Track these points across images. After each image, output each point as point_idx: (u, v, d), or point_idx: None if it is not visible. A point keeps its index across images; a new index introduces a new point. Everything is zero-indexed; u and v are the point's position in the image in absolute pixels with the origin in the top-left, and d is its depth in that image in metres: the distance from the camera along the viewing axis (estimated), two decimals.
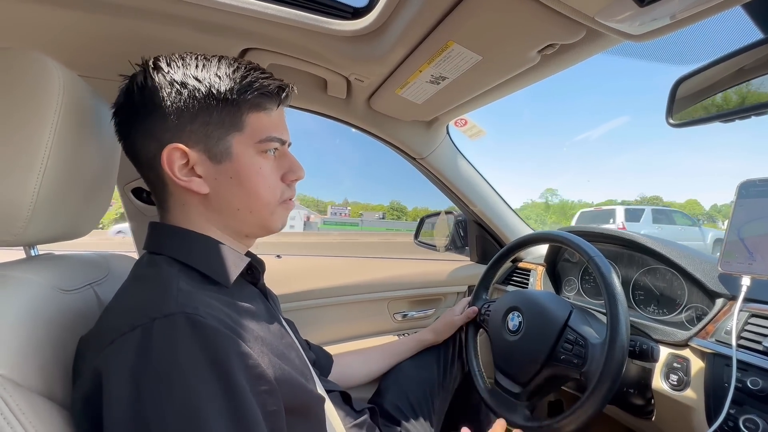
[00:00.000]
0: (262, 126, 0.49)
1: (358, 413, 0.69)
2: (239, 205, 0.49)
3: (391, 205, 66.07)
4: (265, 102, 0.49)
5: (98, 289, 0.52)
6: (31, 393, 0.35)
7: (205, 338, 0.36)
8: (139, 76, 0.46)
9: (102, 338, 0.37)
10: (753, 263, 0.63)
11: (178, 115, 0.45)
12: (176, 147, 0.45)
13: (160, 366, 0.34)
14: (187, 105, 0.45)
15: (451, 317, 0.94)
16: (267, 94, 0.48)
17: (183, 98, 0.44)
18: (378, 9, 0.63)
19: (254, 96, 0.47)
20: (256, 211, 0.50)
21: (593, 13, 0.52)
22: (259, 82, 0.47)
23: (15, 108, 0.40)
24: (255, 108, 0.48)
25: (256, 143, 0.48)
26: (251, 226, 0.52)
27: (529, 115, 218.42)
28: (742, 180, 0.67)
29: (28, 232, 0.42)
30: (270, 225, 0.53)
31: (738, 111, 0.55)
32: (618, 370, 0.61)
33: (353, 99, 0.94)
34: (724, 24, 0.57)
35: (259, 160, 0.49)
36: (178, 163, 0.46)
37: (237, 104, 0.47)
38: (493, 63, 0.69)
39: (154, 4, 0.58)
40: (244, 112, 0.47)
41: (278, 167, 0.52)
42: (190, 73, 0.45)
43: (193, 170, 0.47)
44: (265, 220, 0.52)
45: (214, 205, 0.49)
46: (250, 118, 0.48)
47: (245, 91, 0.46)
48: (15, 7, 0.57)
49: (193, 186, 0.47)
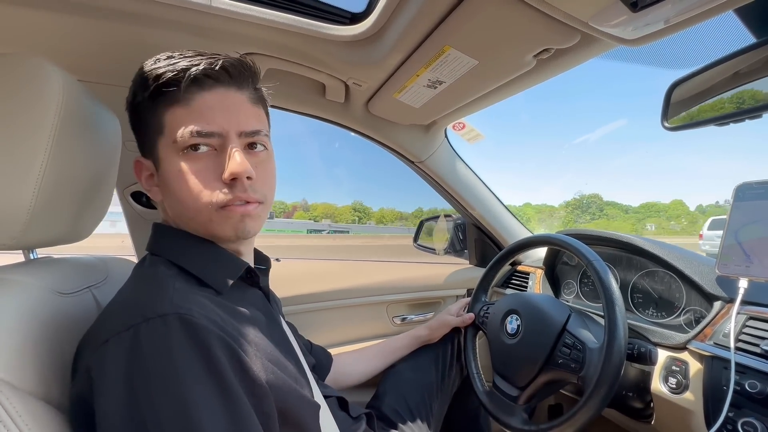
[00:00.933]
0: (177, 121, 0.43)
1: (354, 420, 0.68)
2: (181, 213, 0.47)
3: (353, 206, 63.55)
4: (184, 93, 0.42)
5: (97, 292, 0.52)
6: (28, 396, 0.35)
7: (198, 339, 0.36)
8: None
9: (97, 337, 0.37)
10: (750, 266, 0.63)
11: (132, 127, 0.49)
12: (137, 159, 0.49)
13: (153, 366, 0.34)
14: (130, 115, 0.48)
15: (446, 317, 0.95)
16: (170, 83, 0.42)
17: (127, 109, 0.48)
18: (375, 14, 0.63)
19: (157, 90, 0.42)
20: (194, 219, 0.46)
21: (587, 18, 0.53)
22: (157, 71, 0.42)
23: (15, 112, 0.41)
24: (173, 103, 0.43)
25: (172, 143, 0.43)
26: (203, 234, 0.48)
27: (528, 117, 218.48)
28: (739, 183, 0.67)
29: (27, 235, 0.42)
30: (215, 233, 0.47)
31: (732, 114, 0.56)
32: (615, 374, 0.61)
33: (351, 103, 0.95)
34: (718, 28, 0.57)
35: (178, 161, 0.44)
36: (144, 174, 0.49)
37: (156, 103, 0.44)
38: (490, 67, 0.70)
39: (154, 10, 0.59)
40: (161, 110, 0.44)
41: (215, 165, 0.44)
42: (136, 79, 0.46)
43: (152, 179, 0.49)
44: (207, 228, 0.46)
45: (170, 212, 0.50)
46: (167, 115, 0.44)
47: (144, 88, 0.43)
48: (16, 12, 0.58)
49: (153, 195, 0.50)
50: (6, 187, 0.40)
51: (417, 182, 1.24)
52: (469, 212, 1.25)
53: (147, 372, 0.34)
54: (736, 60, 0.54)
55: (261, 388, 0.39)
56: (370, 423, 0.72)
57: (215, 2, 0.59)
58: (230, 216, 0.45)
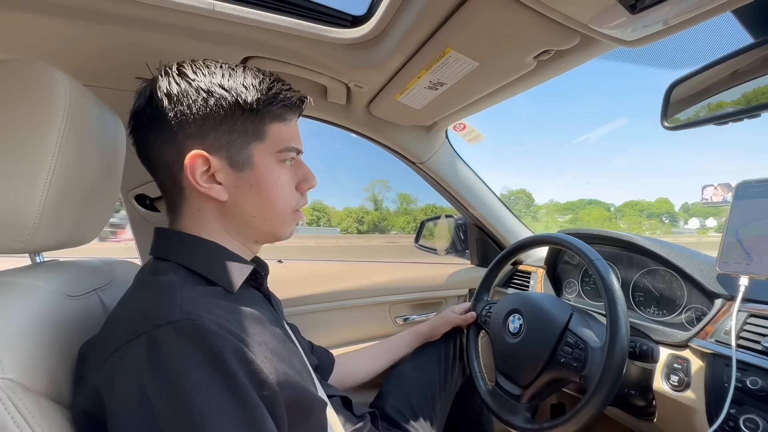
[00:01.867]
0: (282, 136, 0.50)
1: (358, 418, 0.69)
2: (255, 213, 0.51)
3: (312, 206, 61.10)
4: (287, 113, 0.51)
5: (103, 294, 0.53)
6: (39, 396, 0.36)
7: (209, 344, 0.36)
8: (163, 81, 0.46)
9: (106, 346, 0.37)
10: (750, 263, 0.63)
11: (203, 123, 0.46)
12: (199, 154, 0.46)
13: (166, 373, 0.34)
14: (212, 113, 0.46)
15: (449, 314, 0.95)
16: (289, 105, 0.50)
17: (209, 106, 0.45)
18: (377, 17, 0.64)
19: (278, 107, 0.49)
20: (270, 219, 0.52)
21: (587, 20, 0.53)
22: (284, 94, 0.49)
23: (23, 117, 0.41)
24: (277, 119, 0.50)
25: (276, 152, 0.50)
26: (262, 233, 0.53)
27: (528, 117, 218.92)
28: (739, 181, 0.68)
29: (35, 239, 0.43)
30: (280, 233, 0.54)
31: (732, 114, 0.56)
32: (618, 372, 0.61)
33: (353, 105, 0.96)
34: (717, 29, 0.58)
35: (278, 169, 0.51)
36: (200, 170, 0.46)
37: (261, 114, 0.48)
38: (490, 69, 0.70)
39: (158, 15, 0.60)
40: (266, 122, 0.49)
41: (294, 176, 0.54)
42: (217, 82, 0.46)
43: (214, 177, 0.47)
44: (277, 228, 0.53)
45: (229, 212, 0.50)
46: (272, 128, 0.49)
47: (270, 102, 0.48)
48: (22, 18, 0.58)
49: (213, 193, 0.47)
50: (14, 191, 0.40)
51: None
52: (470, 212, 1.26)
53: (159, 379, 0.34)
54: (734, 60, 0.54)
55: (272, 390, 0.40)
56: (373, 422, 0.73)
57: (218, 6, 0.60)
58: (296, 219, 0.55)
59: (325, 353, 0.83)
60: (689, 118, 0.61)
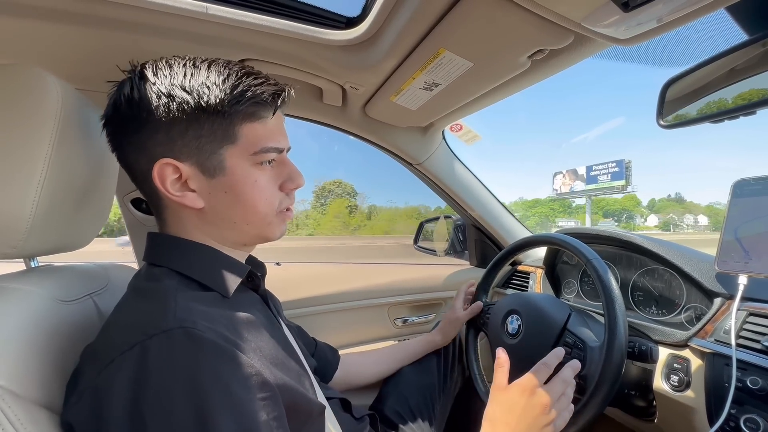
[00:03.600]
0: (256, 137, 0.46)
1: (357, 421, 0.68)
2: (236, 219, 0.48)
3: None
4: (260, 111, 0.46)
5: (98, 299, 0.52)
6: (30, 404, 0.35)
7: (204, 352, 0.36)
8: (126, 86, 0.44)
9: (101, 357, 0.37)
10: (749, 262, 0.63)
11: (168, 129, 0.43)
12: (167, 162, 0.43)
13: (161, 382, 0.34)
14: (176, 118, 0.42)
15: (454, 315, 0.92)
16: (260, 102, 0.45)
17: (171, 111, 0.42)
18: (370, 19, 0.64)
19: (247, 106, 0.44)
20: (253, 224, 0.49)
21: (579, 18, 0.53)
22: (252, 90, 0.44)
23: (14, 122, 0.41)
24: (249, 118, 0.45)
25: (250, 155, 0.46)
26: (250, 236, 0.51)
27: (526, 116, 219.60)
28: (737, 179, 0.67)
29: (28, 244, 0.43)
30: (268, 235, 0.52)
31: (727, 111, 0.56)
32: (617, 372, 0.61)
33: (349, 107, 0.95)
34: (711, 26, 0.57)
35: (255, 172, 0.47)
36: (170, 178, 0.44)
37: (229, 115, 0.44)
38: (485, 69, 0.70)
39: (151, 18, 0.60)
40: (236, 123, 0.45)
41: (276, 176, 0.50)
42: (178, 83, 0.43)
43: (187, 184, 0.45)
44: (263, 230, 0.51)
45: (209, 218, 0.48)
46: (244, 129, 0.45)
47: (237, 101, 0.44)
48: (13, 23, 0.58)
49: (186, 201, 0.45)
50: (6, 196, 0.40)
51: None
52: (468, 213, 1.25)
53: (155, 388, 0.34)
54: (729, 57, 0.54)
55: (271, 390, 0.39)
56: (373, 425, 0.72)
57: (212, 9, 0.60)
58: (284, 220, 0.52)
59: (329, 350, 0.82)
60: (685, 116, 0.61)
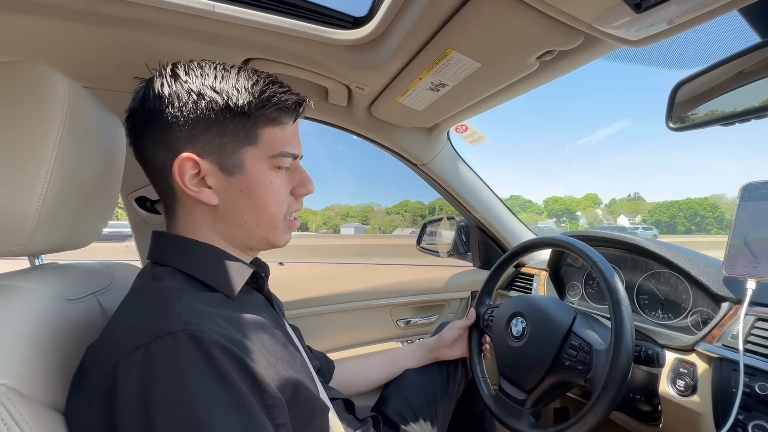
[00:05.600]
0: (276, 141, 0.49)
1: (360, 422, 0.68)
2: (246, 218, 0.50)
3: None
4: (282, 117, 0.49)
5: (102, 298, 0.52)
6: (34, 403, 0.35)
7: (209, 354, 0.36)
8: (156, 82, 0.45)
9: (106, 359, 0.37)
10: (758, 266, 0.62)
11: (193, 125, 0.45)
12: (188, 157, 0.45)
13: (166, 384, 0.34)
14: (203, 116, 0.45)
15: (455, 326, 0.92)
16: (284, 109, 0.48)
17: (199, 109, 0.44)
18: (378, 18, 0.63)
19: (271, 111, 0.47)
20: (262, 225, 0.50)
21: (590, 19, 0.53)
22: (278, 97, 0.47)
23: (21, 119, 0.41)
24: (271, 122, 0.48)
25: (269, 158, 0.48)
26: (257, 240, 0.52)
27: (529, 118, 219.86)
28: (745, 183, 0.67)
29: (33, 242, 0.42)
30: (274, 240, 0.53)
31: (738, 114, 0.55)
32: (623, 376, 0.60)
33: (354, 107, 0.95)
34: (723, 28, 0.57)
35: (271, 174, 0.49)
36: (189, 173, 0.46)
37: (253, 118, 0.46)
38: (492, 70, 0.70)
39: (157, 17, 0.59)
40: (259, 126, 0.47)
41: (289, 181, 0.52)
42: (208, 84, 0.45)
43: (204, 181, 0.47)
44: (270, 235, 0.52)
45: (221, 216, 0.49)
46: (266, 132, 0.48)
47: (263, 106, 0.46)
48: (20, 20, 0.58)
49: (202, 197, 0.47)
50: (12, 194, 0.40)
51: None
52: (472, 214, 1.25)
53: (160, 391, 0.34)
54: (740, 59, 0.53)
55: (273, 398, 0.39)
56: (376, 426, 0.72)
57: (218, 8, 0.60)
58: (291, 225, 0.54)
59: (324, 359, 0.82)
60: (695, 118, 0.60)
